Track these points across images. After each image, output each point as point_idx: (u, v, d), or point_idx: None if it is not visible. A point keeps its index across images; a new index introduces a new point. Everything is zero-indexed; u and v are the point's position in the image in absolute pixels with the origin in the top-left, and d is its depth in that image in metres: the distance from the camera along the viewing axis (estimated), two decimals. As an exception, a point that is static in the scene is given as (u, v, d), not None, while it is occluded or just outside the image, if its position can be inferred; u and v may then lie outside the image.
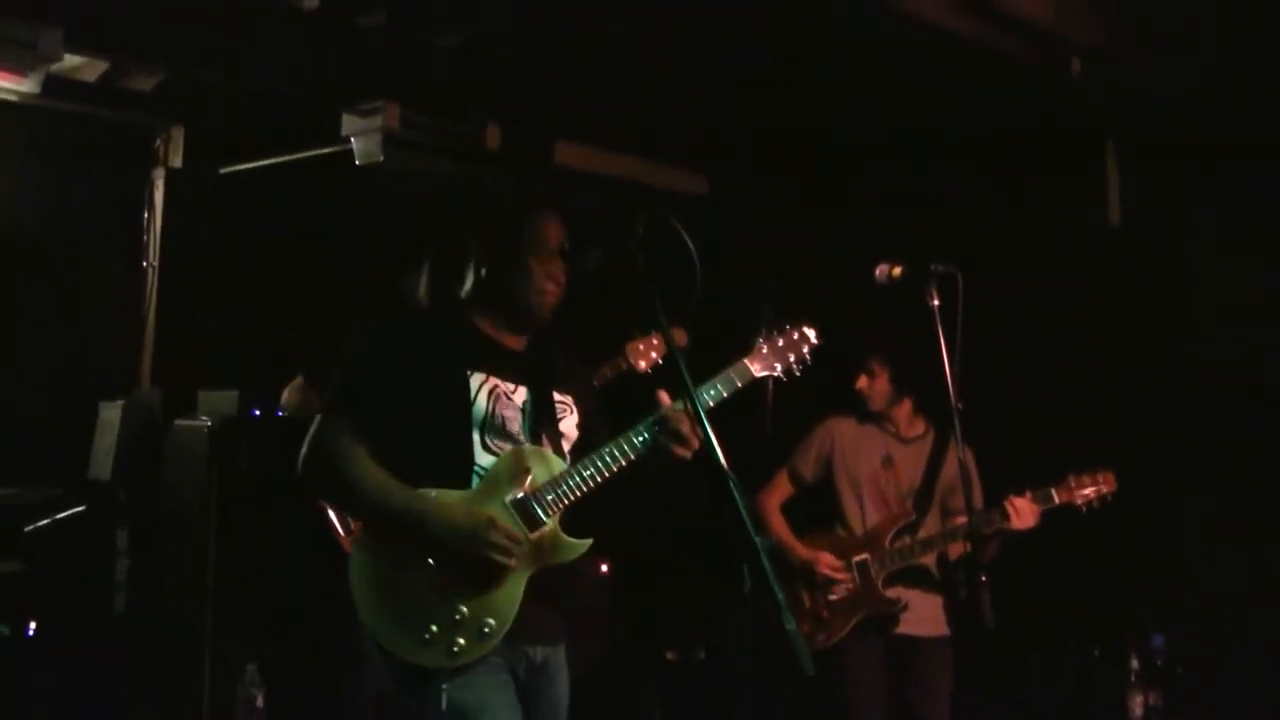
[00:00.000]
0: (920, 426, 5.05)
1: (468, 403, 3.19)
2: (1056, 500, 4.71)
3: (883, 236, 5.15)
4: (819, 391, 4.78)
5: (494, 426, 3.23)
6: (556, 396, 3.38)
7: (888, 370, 4.94)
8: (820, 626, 4.86)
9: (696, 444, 3.17)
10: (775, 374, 3.42)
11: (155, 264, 6.65)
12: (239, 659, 5.28)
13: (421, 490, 3.16)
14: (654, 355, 4.76)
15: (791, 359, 3.44)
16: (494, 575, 3.13)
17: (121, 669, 5.77)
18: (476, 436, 3.21)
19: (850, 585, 4.85)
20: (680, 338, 4.89)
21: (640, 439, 3.22)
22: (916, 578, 4.88)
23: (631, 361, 4.85)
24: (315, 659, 5.30)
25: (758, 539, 2.85)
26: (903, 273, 4.35)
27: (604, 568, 6.28)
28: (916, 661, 4.86)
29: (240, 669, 5.20)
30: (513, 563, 3.12)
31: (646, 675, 6.48)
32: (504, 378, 3.27)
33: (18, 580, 5.24)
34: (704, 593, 6.24)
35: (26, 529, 5.55)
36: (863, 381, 4.99)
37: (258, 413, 5.79)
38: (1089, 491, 4.71)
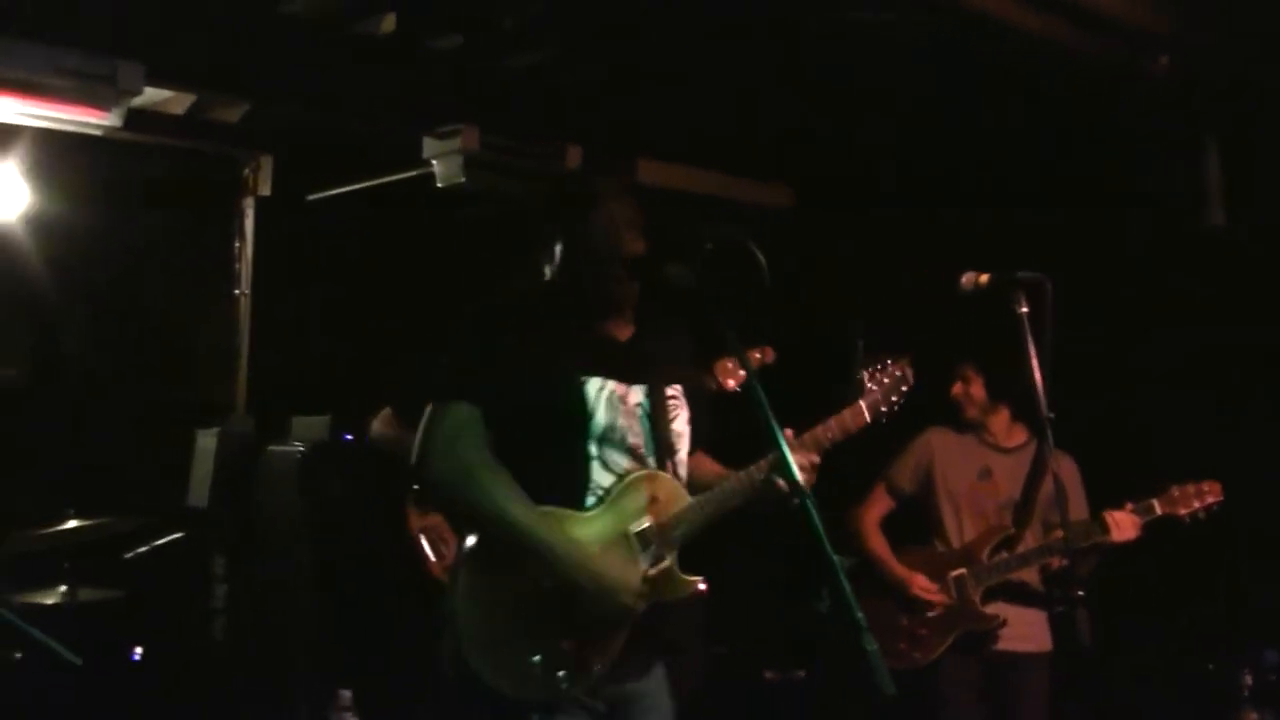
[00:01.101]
0: (1021, 436, 4.93)
1: (586, 415, 3.07)
2: (1158, 511, 4.59)
3: (975, 243, 5.04)
4: (912, 401, 4.72)
5: (612, 440, 3.11)
6: (669, 394, 3.25)
7: (982, 377, 4.87)
8: (916, 644, 4.77)
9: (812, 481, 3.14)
10: (881, 415, 3.42)
11: (247, 292, 6.75)
12: (333, 683, 5.31)
13: (548, 510, 3.04)
14: (743, 374, 4.69)
15: (893, 399, 3.44)
16: (615, 617, 3.05)
17: (221, 694, 5.83)
18: (595, 451, 3.09)
19: (947, 602, 4.75)
20: (768, 354, 4.84)
21: (761, 478, 3.18)
22: (1016, 592, 4.76)
23: (721, 380, 4.80)
24: (408, 683, 5.31)
25: (836, 558, 2.77)
26: (990, 280, 4.24)
27: (701, 586, 6.21)
28: (1015, 678, 4.74)
29: (333, 693, 5.22)
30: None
31: (745, 695, 6.41)
32: (618, 378, 3.14)
33: (119, 606, 5.32)
34: (801, 611, 6.16)
35: (126, 556, 5.63)
36: (957, 389, 4.92)
37: (349, 437, 5.84)
38: (1194, 503, 4.57)
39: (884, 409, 3.42)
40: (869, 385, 3.42)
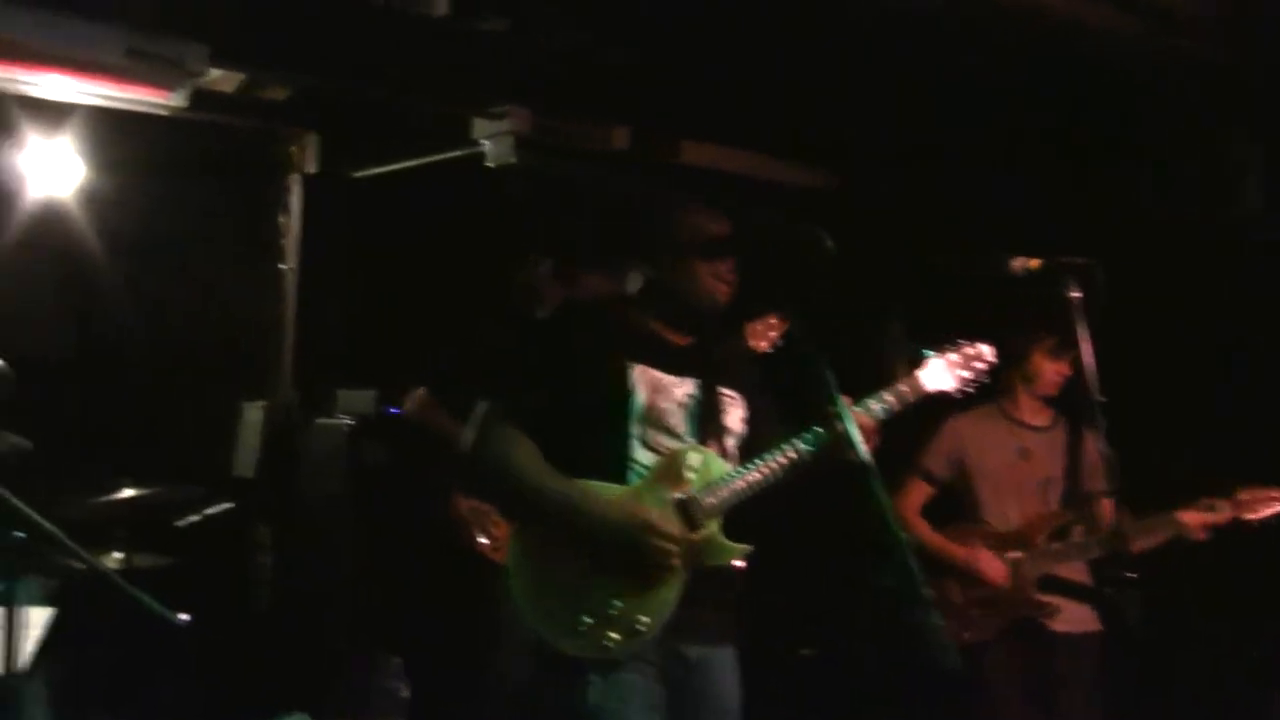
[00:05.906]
0: (1048, 416, 4.96)
1: (626, 395, 3.19)
2: (1226, 514, 4.60)
3: (1012, 231, 5.08)
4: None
5: (654, 421, 3.21)
6: (722, 391, 3.35)
7: (1069, 353, 4.74)
8: (967, 624, 4.79)
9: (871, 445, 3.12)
10: (948, 390, 3.40)
11: (293, 267, 6.80)
12: (380, 652, 5.38)
13: (580, 481, 3.15)
14: (773, 335, 4.73)
15: (967, 376, 3.42)
16: (649, 575, 3.10)
17: (266, 663, 5.92)
18: (636, 430, 3.20)
19: (1006, 584, 4.78)
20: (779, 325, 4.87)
21: (808, 441, 3.21)
22: (1064, 572, 4.79)
23: (752, 341, 4.83)
24: (455, 652, 5.38)
25: (901, 533, 2.82)
26: (1041, 265, 4.28)
27: (737, 563, 6.26)
28: (1064, 660, 4.76)
29: (385, 662, 5.29)
30: (673, 563, 3.10)
31: (780, 673, 6.45)
32: (667, 370, 3.26)
33: (169, 574, 5.37)
34: (838, 588, 6.20)
35: (178, 524, 5.70)
36: (1056, 368, 4.88)
37: (396, 411, 5.90)
38: (1262, 508, 4.58)
39: (953, 381, 3.39)
40: (934, 359, 3.39)
